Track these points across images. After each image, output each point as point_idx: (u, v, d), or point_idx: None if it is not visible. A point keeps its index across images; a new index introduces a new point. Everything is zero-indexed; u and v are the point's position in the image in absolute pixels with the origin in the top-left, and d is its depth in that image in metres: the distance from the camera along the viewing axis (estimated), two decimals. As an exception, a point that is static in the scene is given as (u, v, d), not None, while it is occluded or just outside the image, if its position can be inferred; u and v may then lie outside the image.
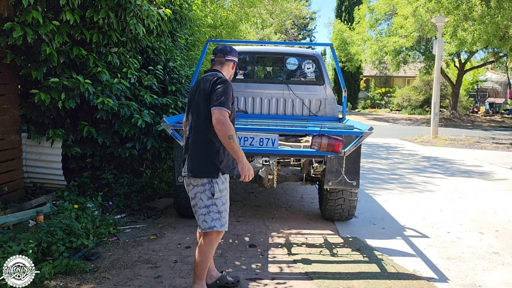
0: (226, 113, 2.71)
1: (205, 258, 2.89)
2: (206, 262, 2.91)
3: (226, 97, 2.74)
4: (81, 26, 4.69)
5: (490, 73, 35.00)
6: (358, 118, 24.41)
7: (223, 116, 2.69)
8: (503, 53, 22.33)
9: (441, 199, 6.33)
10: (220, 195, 2.83)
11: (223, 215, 2.85)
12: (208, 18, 10.74)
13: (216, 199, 2.82)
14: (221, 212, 2.84)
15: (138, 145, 5.30)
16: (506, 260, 3.98)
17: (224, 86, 2.78)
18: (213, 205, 2.82)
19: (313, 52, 6.16)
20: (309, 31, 42.87)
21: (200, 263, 2.90)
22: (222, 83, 2.80)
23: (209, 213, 2.82)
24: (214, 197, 2.80)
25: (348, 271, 3.62)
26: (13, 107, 4.86)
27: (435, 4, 17.12)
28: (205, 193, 2.81)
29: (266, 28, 25.47)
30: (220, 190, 2.83)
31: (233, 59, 3.10)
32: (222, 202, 2.85)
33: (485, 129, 21.44)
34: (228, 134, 2.67)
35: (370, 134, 3.98)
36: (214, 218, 2.82)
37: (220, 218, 2.83)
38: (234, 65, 3.12)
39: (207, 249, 2.88)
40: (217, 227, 2.83)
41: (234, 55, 3.10)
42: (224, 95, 2.74)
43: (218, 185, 2.81)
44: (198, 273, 2.92)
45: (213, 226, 2.82)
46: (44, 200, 4.80)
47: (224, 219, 2.86)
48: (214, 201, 2.81)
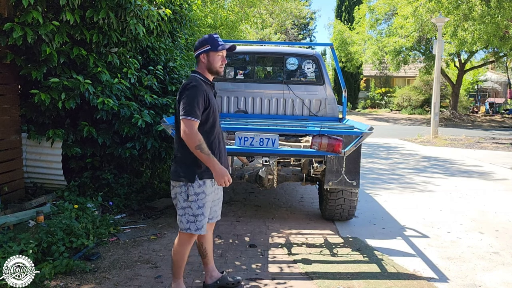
0: (192, 122, 2.66)
1: (179, 257, 2.95)
2: (180, 261, 2.96)
3: (191, 105, 2.67)
4: (81, 26, 4.69)
5: (490, 73, 34.99)
6: (358, 118, 24.41)
7: (187, 127, 2.65)
8: (503, 53, 22.31)
9: (441, 199, 6.33)
10: (195, 198, 2.80)
11: (198, 218, 2.83)
12: (208, 18, 10.75)
13: (191, 202, 2.81)
14: (196, 215, 2.83)
15: (138, 145, 5.30)
16: (506, 260, 3.98)
17: (189, 93, 2.70)
18: (188, 207, 2.83)
19: (313, 52, 6.16)
20: (309, 31, 42.90)
21: (175, 262, 2.97)
22: (188, 90, 2.71)
23: (185, 215, 2.85)
24: (188, 199, 2.81)
25: (348, 271, 3.62)
26: (13, 107, 4.86)
27: (435, 4, 17.11)
28: (181, 195, 2.83)
29: (266, 28, 25.48)
30: (195, 194, 2.80)
31: (200, 52, 2.85)
32: (198, 206, 2.82)
33: (485, 129, 21.44)
34: (194, 145, 2.65)
35: (370, 134, 3.98)
36: (189, 220, 2.84)
37: (195, 222, 2.83)
38: (204, 56, 2.85)
39: (179, 248, 2.94)
40: (192, 230, 2.85)
41: (200, 46, 2.86)
42: (189, 103, 2.67)
43: (193, 189, 2.79)
44: (174, 272, 2.99)
45: (188, 229, 2.85)
46: (44, 200, 4.80)
47: (200, 223, 2.84)
48: (189, 204, 2.82)
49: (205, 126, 2.81)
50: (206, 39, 2.89)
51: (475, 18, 16.30)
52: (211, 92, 2.87)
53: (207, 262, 3.19)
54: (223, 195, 3.19)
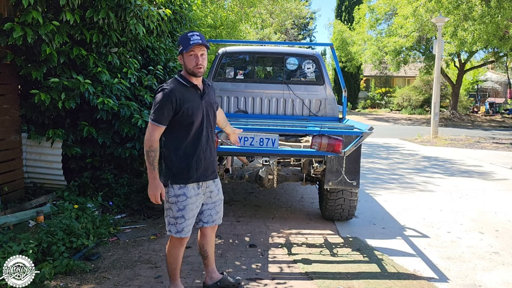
0: (152, 127, 2.68)
1: (171, 260, 2.95)
2: (173, 263, 2.96)
3: (154, 109, 2.68)
4: (81, 26, 4.69)
5: (490, 73, 34.99)
6: (358, 118, 24.41)
7: (147, 130, 2.70)
8: (503, 53, 22.32)
9: (441, 199, 6.33)
10: (175, 200, 2.79)
11: (179, 221, 2.80)
12: (208, 18, 10.75)
13: (171, 203, 2.81)
14: (176, 218, 2.81)
15: (138, 145, 5.30)
16: (506, 260, 3.98)
17: (155, 97, 2.71)
18: (169, 209, 2.84)
19: (313, 52, 6.17)
20: (309, 31, 42.88)
21: (168, 265, 2.99)
22: (156, 93, 2.72)
23: (167, 216, 2.87)
24: (169, 201, 2.82)
25: (348, 271, 3.62)
26: (13, 107, 4.86)
27: (435, 4, 17.11)
28: (166, 197, 2.84)
29: (266, 28, 25.47)
30: (175, 195, 2.78)
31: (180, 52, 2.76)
32: (178, 208, 2.79)
33: (485, 129, 21.43)
34: (145, 149, 2.69)
35: (370, 134, 3.98)
36: (170, 222, 2.85)
37: (175, 224, 2.82)
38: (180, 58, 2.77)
39: (170, 250, 2.94)
40: (172, 232, 2.84)
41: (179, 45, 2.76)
42: (153, 107, 2.69)
43: (173, 190, 2.79)
44: (169, 275, 3.01)
45: (169, 231, 2.87)
46: (44, 200, 4.80)
47: (180, 226, 2.80)
48: (170, 205, 2.83)
49: (177, 130, 2.75)
50: (179, 40, 2.79)
51: (475, 18, 16.30)
52: (189, 95, 2.74)
53: (207, 263, 3.18)
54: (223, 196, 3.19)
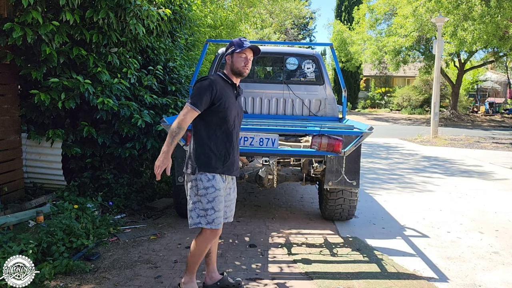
0: (188, 108, 2.75)
1: (198, 253, 2.93)
2: (199, 257, 2.95)
3: (194, 94, 2.78)
4: (81, 26, 4.69)
5: (490, 72, 35.00)
6: (358, 118, 24.41)
7: (183, 110, 2.77)
8: (503, 53, 22.34)
9: (441, 199, 6.33)
10: (204, 192, 2.81)
11: (209, 212, 2.82)
12: (208, 18, 10.75)
13: (200, 196, 2.82)
14: (206, 209, 2.82)
15: (138, 145, 5.30)
16: (506, 260, 3.98)
17: (198, 84, 2.82)
18: (198, 202, 2.84)
19: (313, 52, 6.16)
20: (309, 31, 42.89)
21: (192, 257, 2.95)
22: (198, 82, 2.85)
23: (195, 209, 2.85)
24: (198, 193, 2.82)
25: (348, 271, 3.62)
26: (13, 107, 4.86)
27: (435, 4, 17.12)
28: (192, 189, 2.85)
29: (266, 28, 25.48)
30: (204, 188, 2.81)
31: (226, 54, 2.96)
32: (207, 200, 2.81)
33: (485, 128, 21.44)
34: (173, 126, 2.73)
35: (370, 134, 3.98)
36: (199, 214, 2.84)
37: (205, 216, 2.83)
38: (229, 57, 2.95)
39: (201, 242, 2.91)
40: (203, 224, 2.84)
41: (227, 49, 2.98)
42: (194, 93, 2.80)
43: (202, 182, 2.81)
44: (189, 267, 2.98)
45: (198, 223, 2.85)
46: (44, 200, 4.80)
47: (210, 217, 2.83)
48: (199, 198, 2.83)
49: (212, 122, 2.84)
50: (232, 41, 2.97)
51: (475, 18, 16.30)
52: (227, 91, 2.89)
53: (209, 262, 3.18)
54: None
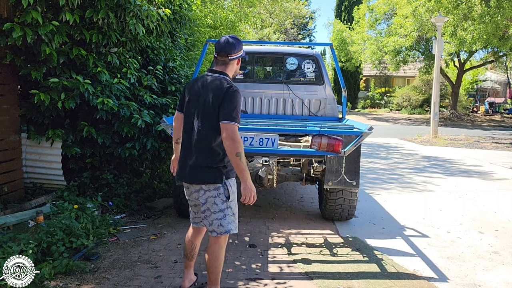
0: (237, 128, 2.60)
1: (220, 263, 2.86)
2: (220, 266, 2.88)
3: (238, 110, 2.63)
4: (80, 26, 4.69)
5: (490, 72, 34.99)
6: (358, 118, 24.41)
7: (233, 132, 2.57)
8: (502, 53, 22.33)
9: (441, 199, 6.33)
10: (233, 197, 2.79)
11: (236, 217, 2.84)
12: (208, 18, 10.76)
13: (230, 201, 2.77)
14: (235, 214, 2.83)
15: (138, 145, 5.30)
16: (506, 260, 3.99)
17: (237, 98, 2.66)
18: (228, 208, 2.77)
19: (312, 52, 6.16)
20: (309, 30, 42.86)
21: (215, 268, 2.85)
22: (235, 94, 2.66)
23: (225, 217, 2.75)
24: (229, 200, 2.76)
25: (348, 271, 3.62)
26: (12, 107, 4.86)
27: (434, 4, 17.10)
28: (219, 197, 2.73)
29: (266, 28, 25.49)
30: (233, 193, 2.78)
31: (237, 57, 2.85)
32: (235, 204, 2.82)
33: (485, 128, 21.44)
34: (236, 152, 2.57)
35: (370, 134, 3.98)
36: (230, 221, 2.78)
37: (234, 221, 2.82)
38: (239, 61, 2.89)
39: (220, 252, 2.84)
40: (233, 230, 2.80)
41: (237, 51, 2.83)
42: (236, 108, 2.62)
43: (231, 187, 2.77)
44: (214, 279, 2.87)
45: (230, 229, 2.78)
46: (44, 201, 4.80)
47: (237, 221, 2.86)
48: (229, 204, 2.77)
49: None
50: (241, 44, 2.86)
51: (475, 17, 16.30)
52: None
53: (191, 264, 3.11)
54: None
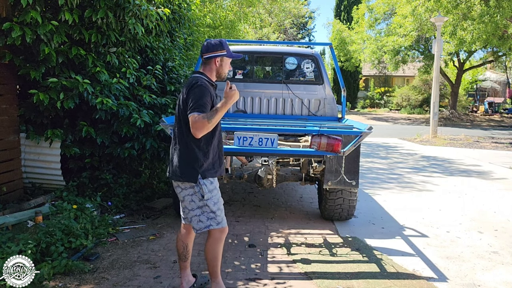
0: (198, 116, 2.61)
1: (213, 256, 2.95)
2: (215, 260, 2.96)
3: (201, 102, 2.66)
4: (79, 26, 4.68)
5: (489, 72, 35.02)
6: (357, 117, 24.42)
7: (194, 121, 2.61)
8: (502, 53, 22.34)
9: (440, 199, 6.33)
10: (210, 195, 2.84)
11: (217, 213, 2.88)
12: (207, 18, 10.76)
13: (207, 200, 2.84)
14: (214, 211, 2.87)
15: (137, 145, 5.29)
16: (505, 260, 3.99)
17: (199, 90, 2.70)
18: (205, 206, 2.86)
19: (312, 52, 6.16)
20: (308, 30, 42.84)
21: (211, 262, 2.96)
22: (198, 87, 2.71)
23: (203, 213, 2.87)
24: (204, 198, 2.83)
25: (347, 271, 3.62)
26: (11, 107, 4.85)
27: (434, 4, 17.10)
28: (195, 195, 2.84)
29: (265, 28, 25.48)
30: (209, 191, 2.84)
31: (210, 56, 2.85)
32: (213, 202, 2.86)
33: (484, 128, 21.46)
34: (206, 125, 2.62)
35: (369, 134, 3.98)
36: (208, 217, 2.87)
37: (215, 217, 2.88)
38: (215, 60, 2.86)
39: (213, 246, 2.93)
40: (213, 226, 2.88)
41: (212, 51, 2.85)
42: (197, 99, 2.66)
43: (206, 187, 2.83)
44: (212, 271, 2.99)
45: (210, 225, 2.88)
46: (43, 201, 4.79)
47: (219, 217, 2.89)
48: (206, 202, 2.84)
49: None
50: (221, 43, 2.88)
51: (474, 17, 16.30)
52: (214, 94, 2.85)
53: (186, 266, 3.13)
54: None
